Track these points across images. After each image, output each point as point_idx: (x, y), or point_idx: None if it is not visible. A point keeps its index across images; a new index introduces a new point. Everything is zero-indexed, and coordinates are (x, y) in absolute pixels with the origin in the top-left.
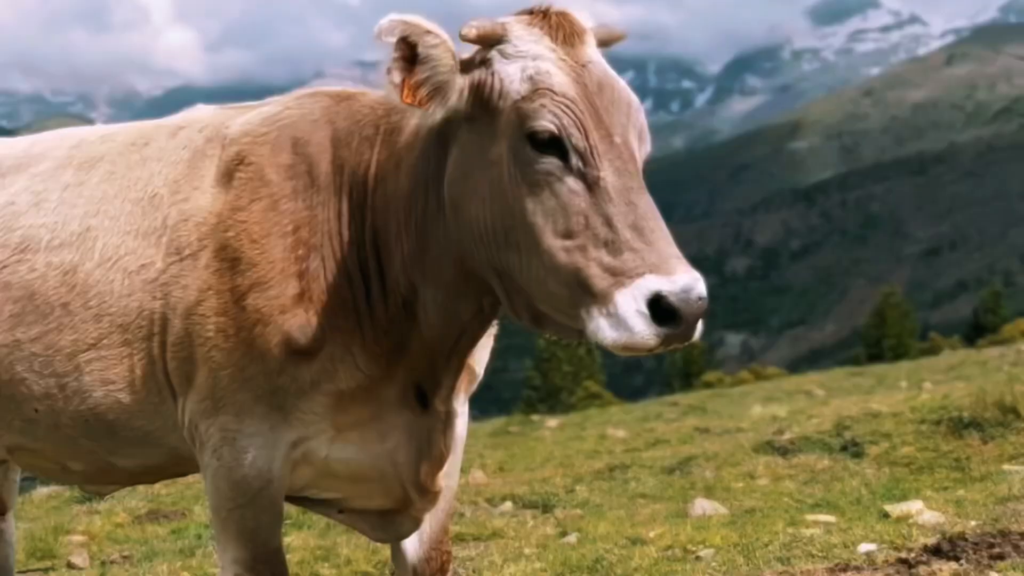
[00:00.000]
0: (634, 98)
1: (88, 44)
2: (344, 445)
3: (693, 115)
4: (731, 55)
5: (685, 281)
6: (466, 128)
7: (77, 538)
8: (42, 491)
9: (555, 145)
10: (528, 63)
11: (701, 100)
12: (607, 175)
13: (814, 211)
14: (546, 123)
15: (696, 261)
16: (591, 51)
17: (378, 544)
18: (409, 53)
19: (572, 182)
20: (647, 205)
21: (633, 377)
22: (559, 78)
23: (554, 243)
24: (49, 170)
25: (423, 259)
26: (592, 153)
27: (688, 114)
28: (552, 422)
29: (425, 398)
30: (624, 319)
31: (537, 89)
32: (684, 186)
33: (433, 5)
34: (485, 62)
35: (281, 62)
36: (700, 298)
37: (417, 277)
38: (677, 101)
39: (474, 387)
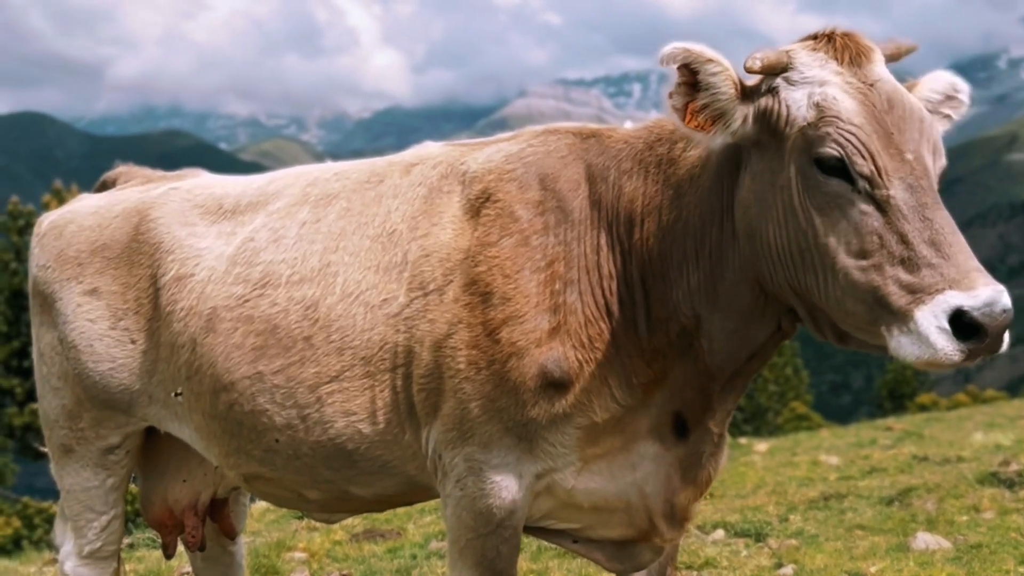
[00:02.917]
0: (926, 113)
1: (301, 68)
2: (591, 476)
3: None
4: (943, 65)
5: (988, 295)
6: (755, 154)
7: (298, 555)
8: (261, 504)
9: (842, 169)
10: (815, 89)
11: None
12: (897, 193)
13: None
14: (830, 150)
15: None
16: (879, 69)
17: (592, 569)
18: (691, 79)
19: (862, 203)
20: (943, 219)
21: (841, 397)
22: (846, 103)
23: (848, 263)
24: (286, 207)
25: (715, 287)
26: (881, 174)
27: None
28: (761, 446)
29: (684, 426)
30: (926, 336)
31: (824, 116)
32: None
33: (632, 21)
34: (772, 90)
35: (484, 81)
36: (1004, 311)
37: (704, 306)
38: None
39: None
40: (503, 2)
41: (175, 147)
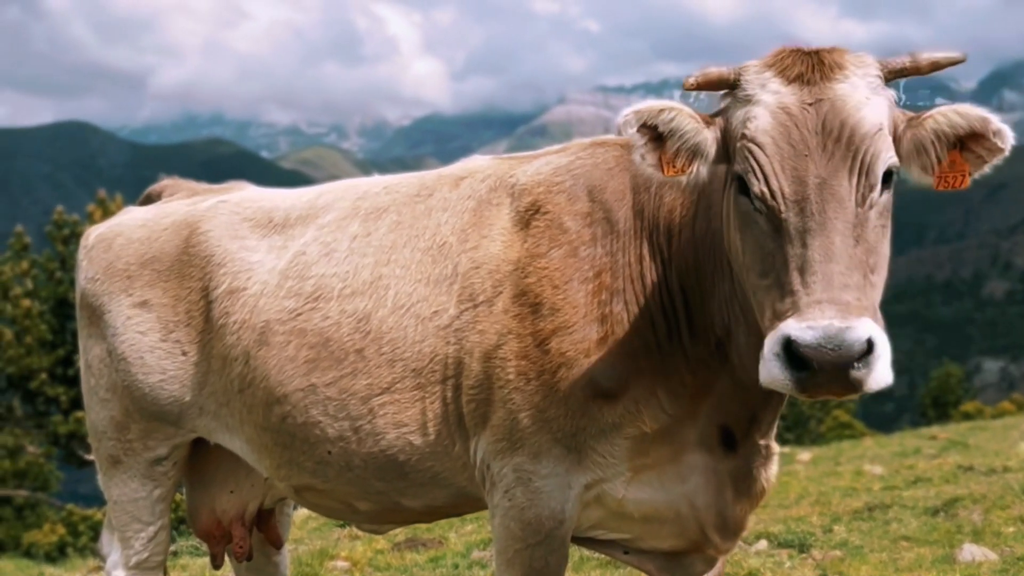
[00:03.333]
0: (866, 127)
1: (341, 76)
2: (641, 486)
3: None
4: (987, 70)
5: (820, 328)
6: (728, 171)
7: (341, 563)
8: (302, 512)
9: (748, 188)
10: (749, 108)
11: None
12: (790, 216)
13: None
14: (736, 167)
15: (950, 284)
16: (838, 87)
17: None
18: (653, 134)
19: (763, 223)
20: (821, 245)
21: (884, 404)
22: (759, 122)
23: (756, 282)
24: (336, 221)
25: (734, 301)
26: (775, 195)
27: None
28: (804, 455)
29: (732, 439)
30: (765, 361)
31: (743, 133)
32: (937, 206)
33: (671, 27)
34: (724, 109)
35: (524, 88)
36: (836, 347)
37: (732, 319)
38: None
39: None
40: (542, 10)
41: (217, 155)
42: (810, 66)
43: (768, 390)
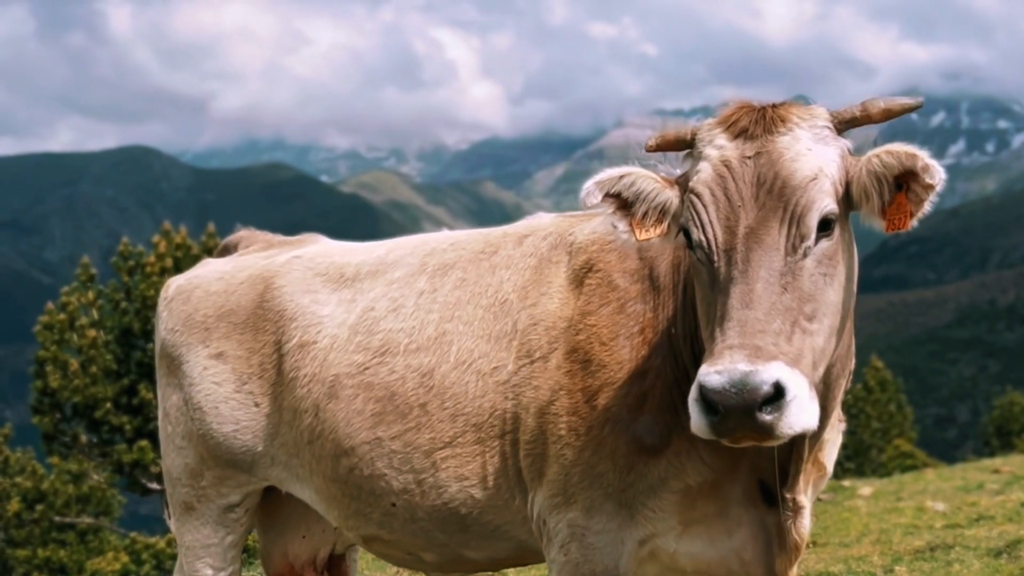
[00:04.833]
0: (798, 178)
1: (400, 101)
2: (692, 539)
3: (1010, 156)
4: None
5: (726, 370)
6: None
7: None
8: None
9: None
10: (698, 163)
11: (1018, 140)
12: (721, 266)
13: None
14: (682, 219)
15: (1014, 309)
16: (779, 140)
17: None
18: (619, 202)
19: (705, 272)
20: (740, 292)
21: (946, 431)
22: (702, 176)
23: (704, 334)
24: (404, 277)
25: None
26: (710, 245)
27: (1004, 155)
28: (865, 490)
29: (770, 494)
30: (690, 408)
31: (688, 186)
32: (1001, 230)
33: (730, 51)
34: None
35: (581, 112)
36: (739, 390)
37: None
38: (992, 142)
39: (823, 483)
40: (600, 33)
41: (277, 179)
42: (754, 120)
43: (790, 444)
